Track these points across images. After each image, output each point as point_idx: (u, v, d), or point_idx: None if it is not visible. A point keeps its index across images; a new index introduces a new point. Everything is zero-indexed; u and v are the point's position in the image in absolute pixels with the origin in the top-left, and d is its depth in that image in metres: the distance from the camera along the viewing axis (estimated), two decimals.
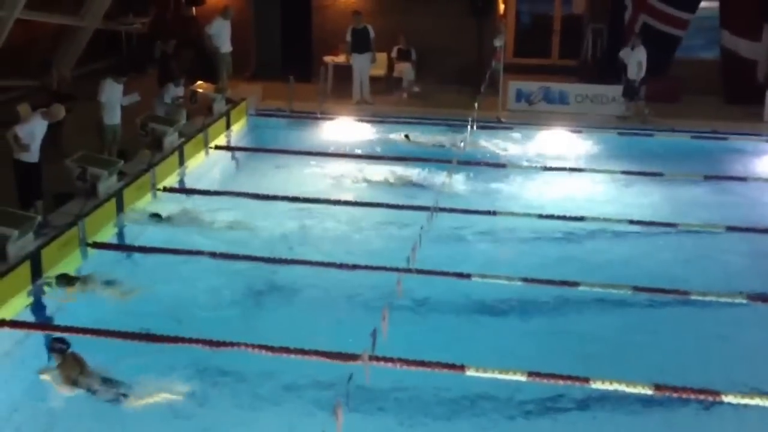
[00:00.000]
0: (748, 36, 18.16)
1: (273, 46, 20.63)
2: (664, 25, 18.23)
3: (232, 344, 8.59)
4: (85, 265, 10.54)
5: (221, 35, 17.32)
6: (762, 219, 12.44)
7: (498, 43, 17.74)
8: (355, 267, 10.51)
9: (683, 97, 18.17)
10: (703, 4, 18.42)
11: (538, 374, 8.24)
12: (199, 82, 16.59)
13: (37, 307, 9.66)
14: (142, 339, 8.79)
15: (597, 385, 8.15)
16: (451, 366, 8.32)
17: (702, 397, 8.03)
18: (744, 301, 9.84)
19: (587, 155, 15.69)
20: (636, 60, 16.93)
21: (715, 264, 11.00)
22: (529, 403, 8.25)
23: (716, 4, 18.51)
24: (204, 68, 17.50)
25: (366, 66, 18.26)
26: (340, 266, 10.52)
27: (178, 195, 13.06)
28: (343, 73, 18.58)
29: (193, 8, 20.13)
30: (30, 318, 9.46)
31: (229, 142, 15.94)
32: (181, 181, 13.71)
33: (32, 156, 10.60)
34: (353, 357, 7.86)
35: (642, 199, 13.50)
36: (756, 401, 7.94)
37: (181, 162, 13.98)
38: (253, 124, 17.20)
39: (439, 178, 13.03)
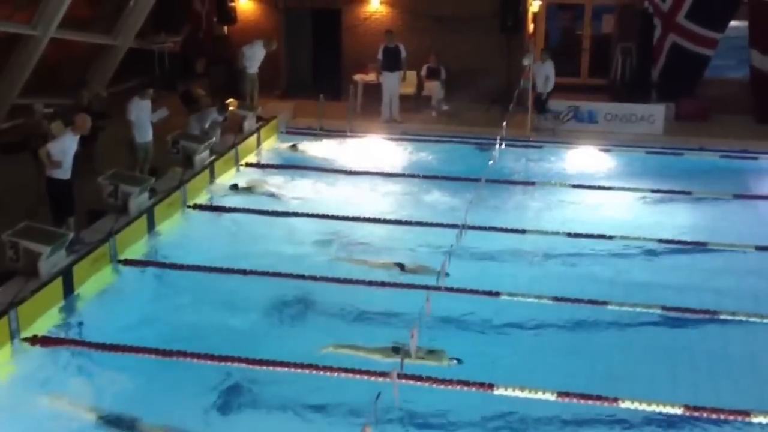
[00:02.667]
0: None
1: (304, 64, 20.92)
2: (693, 44, 18.19)
3: (260, 362, 8.68)
4: (117, 282, 10.69)
5: (255, 58, 17.52)
6: None
7: (527, 62, 17.83)
8: (384, 284, 10.60)
9: (713, 116, 18.11)
10: (732, 24, 18.36)
11: (567, 394, 8.26)
12: (231, 100, 16.80)
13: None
14: (173, 356, 8.90)
15: (626, 405, 8.14)
16: (480, 384, 8.36)
17: (732, 417, 7.99)
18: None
19: (616, 173, 15.66)
20: (544, 74, 17.37)
21: (745, 284, 10.91)
22: (558, 422, 8.22)
23: (746, 24, 18.45)
24: (234, 87, 17.72)
25: (396, 84, 18.37)
26: (370, 283, 10.61)
27: (207, 212, 13.21)
28: (373, 92, 18.72)
29: (225, 27, 20.40)
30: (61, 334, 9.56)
31: (259, 159, 16.11)
32: (212, 198, 13.86)
33: (64, 173, 10.74)
34: (382, 375, 7.91)
35: (671, 218, 13.43)
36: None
37: (212, 179, 14.15)
38: (284, 141, 17.35)
39: (468, 196, 13.08)
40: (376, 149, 16.96)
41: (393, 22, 19.78)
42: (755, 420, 7.93)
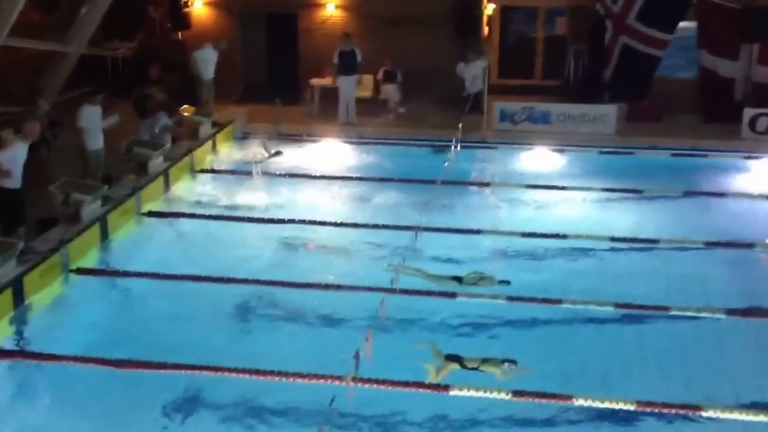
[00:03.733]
0: (725, 55, 18.47)
1: (260, 69, 20.86)
2: (643, 45, 18.48)
3: (216, 369, 8.64)
4: (69, 292, 10.56)
5: (207, 62, 17.48)
6: (740, 233, 12.59)
7: (483, 64, 18.01)
8: (339, 287, 10.63)
9: (664, 115, 18.43)
10: (681, 25, 18.69)
11: (522, 393, 8.32)
12: (185, 106, 16.70)
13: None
14: (126, 366, 8.80)
15: (579, 402, 8.23)
16: (435, 386, 8.40)
17: (683, 411, 8.13)
18: (723, 316, 9.95)
19: (570, 173, 15.85)
20: (471, 75, 17.76)
21: (695, 279, 11.09)
22: (512, 421, 8.28)
23: (694, 24, 18.80)
24: (189, 92, 17.61)
25: (352, 88, 18.44)
26: (326, 287, 10.63)
27: (163, 219, 13.12)
28: (330, 95, 18.75)
29: (179, 33, 20.27)
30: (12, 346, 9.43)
31: (215, 165, 16.03)
32: (167, 205, 13.75)
33: (14, 182, 10.59)
34: (336, 378, 7.93)
35: (623, 216, 13.63)
36: (735, 415, 8.03)
37: (167, 186, 14.05)
38: (240, 146, 17.29)
39: (424, 197, 13.16)
40: (333, 153, 16.98)
41: (349, 26, 19.82)
42: (705, 414, 8.06)
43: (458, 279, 10.67)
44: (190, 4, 20.03)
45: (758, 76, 18.44)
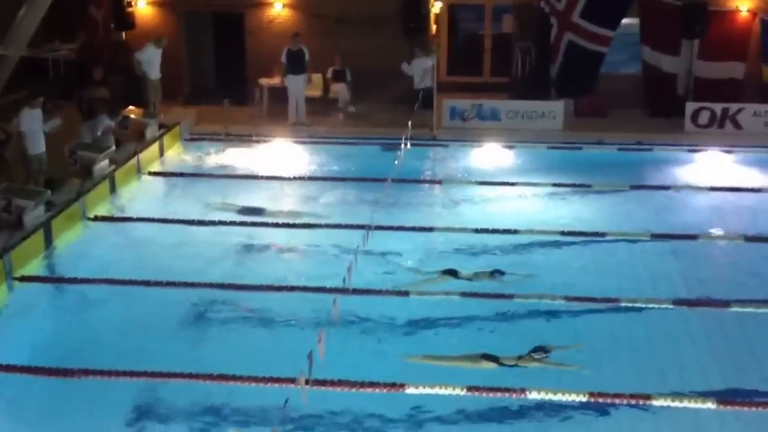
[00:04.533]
0: (667, 51, 18.81)
1: (206, 69, 20.66)
2: (588, 42, 18.71)
3: (166, 375, 8.53)
4: (13, 301, 10.33)
5: (151, 62, 17.23)
6: (684, 225, 12.83)
7: (431, 61, 18.07)
8: (293, 288, 10.58)
9: (610, 111, 18.71)
10: (625, 21, 18.97)
11: (476, 388, 8.37)
12: (130, 108, 16.45)
13: None
14: (75, 375, 8.64)
15: (533, 396, 8.31)
16: (391, 385, 8.40)
17: (634, 401, 8.24)
18: (670, 306, 10.12)
19: (520, 169, 15.97)
20: (418, 71, 17.94)
21: (642, 270, 11.26)
22: (468, 417, 8.32)
23: (637, 21, 19.11)
24: (135, 94, 17.36)
25: (301, 87, 18.35)
26: (279, 288, 10.56)
27: (110, 223, 12.90)
28: (279, 95, 18.64)
29: (123, 33, 19.95)
30: None
31: (162, 167, 15.83)
32: (113, 209, 13.54)
33: None
34: (289, 381, 7.88)
35: (572, 210, 13.78)
36: (685, 403, 8.18)
37: (113, 189, 13.82)
38: (188, 148, 17.11)
39: (375, 196, 13.17)
40: (283, 153, 16.88)
41: (297, 25, 19.71)
42: (656, 403, 8.19)
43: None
44: (133, 3, 19.71)
45: (699, 70, 18.83)
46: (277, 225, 12.79)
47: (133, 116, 16.16)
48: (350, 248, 11.03)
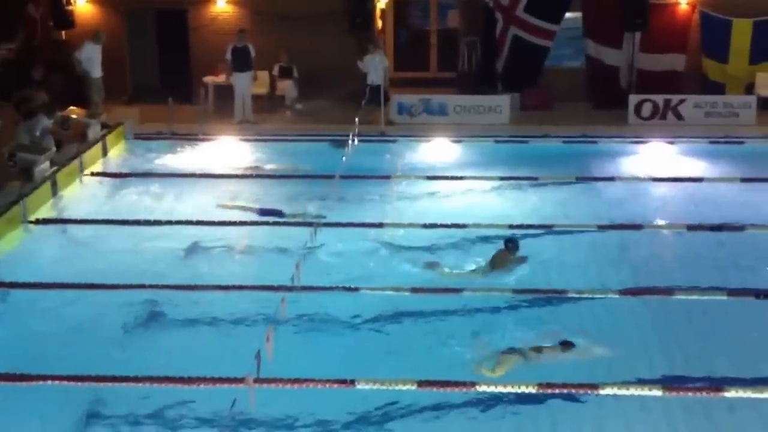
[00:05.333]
0: (610, 44, 19.11)
1: (149, 67, 20.39)
2: (532, 36, 18.93)
3: (112, 379, 8.38)
4: None
5: (92, 60, 16.96)
6: (629, 215, 12.99)
7: (378, 58, 18.06)
8: (241, 288, 10.47)
9: (555, 104, 18.93)
10: (568, 15, 19.20)
11: (428, 382, 8.37)
12: (72, 108, 16.14)
13: None
14: (16, 380, 8.43)
15: (483, 389, 8.34)
16: (341, 381, 8.36)
17: (582, 390, 8.32)
18: (616, 296, 10.25)
19: (468, 163, 16.07)
20: (372, 67, 17.91)
21: (589, 262, 11.39)
22: (419, 411, 8.31)
23: (580, 15, 19.34)
24: (76, 93, 17.04)
25: (247, 85, 18.24)
26: (225, 288, 10.45)
27: (52, 226, 12.64)
28: (224, 93, 18.48)
29: (63, 32, 19.57)
30: None
31: (106, 168, 15.56)
32: (56, 212, 13.26)
33: None
34: (237, 381, 7.80)
35: (520, 203, 13.89)
36: (632, 391, 8.28)
37: (55, 191, 13.55)
38: (132, 148, 16.85)
39: (323, 193, 13.11)
40: (230, 151, 16.74)
41: (241, 22, 19.58)
42: (604, 392, 8.28)
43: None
44: (72, 2, 19.37)
45: (641, 63, 19.15)
46: (224, 224, 12.66)
47: (74, 116, 15.85)
48: (298, 246, 10.96)
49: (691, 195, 14.24)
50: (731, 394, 8.10)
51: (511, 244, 11.14)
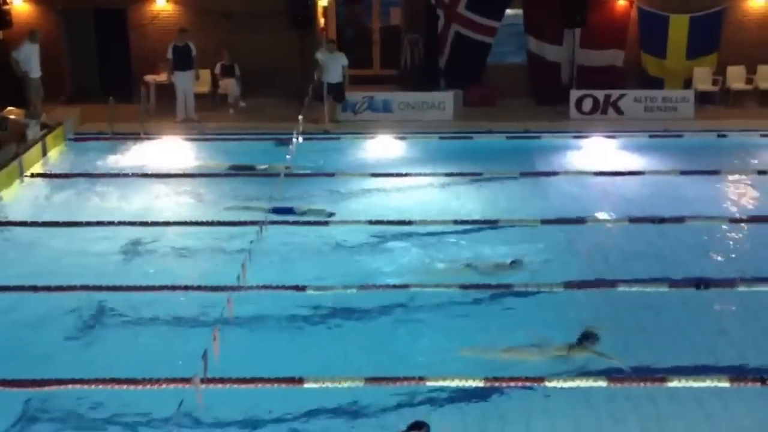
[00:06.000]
0: (551, 41, 19.37)
1: (89, 67, 20.06)
2: (474, 33, 19.09)
3: (56, 382, 8.22)
4: None
5: (30, 60, 16.62)
6: (572, 209, 13.18)
7: (320, 55, 18.02)
8: (186, 288, 10.35)
9: (498, 100, 19.12)
10: (510, 12, 19.41)
11: (376, 379, 8.39)
12: (10, 108, 15.80)
13: None
14: None
15: (431, 383, 8.38)
16: (290, 380, 8.33)
17: (529, 383, 8.41)
18: (561, 290, 10.40)
19: (412, 160, 16.13)
20: (340, 64, 17.77)
21: (533, 256, 11.51)
22: (368, 407, 8.32)
23: (521, 12, 19.56)
24: (14, 94, 16.67)
25: (189, 83, 18.10)
26: (171, 288, 10.33)
27: None
28: (166, 92, 18.27)
29: (0, 32, 19.11)
30: None
31: (45, 168, 15.25)
32: None
33: None
34: (184, 381, 7.72)
35: (465, 199, 14.00)
36: (576, 383, 8.39)
37: None
38: (72, 148, 16.54)
39: (268, 191, 13.04)
40: (173, 151, 16.57)
41: (182, 20, 19.40)
42: (549, 384, 8.38)
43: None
44: (9, 1, 18.91)
45: (582, 59, 19.44)
46: (168, 224, 12.53)
47: (13, 117, 15.51)
48: (244, 245, 10.90)
49: (632, 188, 14.50)
50: (674, 384, 8.26)
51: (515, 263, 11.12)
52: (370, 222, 12.57)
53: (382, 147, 16.92)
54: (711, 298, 10.22)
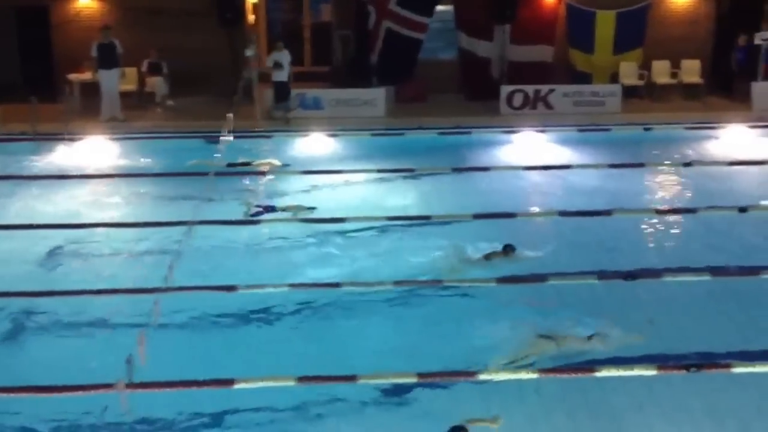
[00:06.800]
0: (481, 36, 19.50)
1: (11, 65, 19.49)
2: (405, 29, 19.11)
3: None
4: None
5: None
6: (503, 204, 13.22)
7: (249, 52, 17.81)
8: (113, 291, 10.09)
9: (430, 96, 19.16)
10: (441, 8, 19.47)
11: (307, 378, 8.28)
12: None
13: None
14: None
15: (364, 381, 8.32)
16: (219, 382, 8.17)
17: (462, 378, 8.40)
18: (494, 284, 10.39)
19: (345, 157, 16.07)
20: (286, 62, 17.80)
21: (468, 250, 11.53)
22: (299, 407, 8.23)
23: (451, 8, 19.65)
24: None
25: (114, 82, 17.76)
26: (98, 292, 10.06)
27: None
28: (91, 91, 17.87)
29: None
30: None
31: None
32: None
33: None
34: (107, 386, 7.51)
35: (397, 196, 13.98)
36: (508, 376, 8.42)
37: None
38: None
39: (197, 191, 12.82)
40: (98, 151, 16.19)
41: (107, 18, 19.04)
42: (482, 377, 8.38)
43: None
44: None
45: (512, 54, 19.61)
46: (94, 226, 12.23)
47: None
48: (172, 245, 10.67)
49: (561, 182, 14.67)
50: (602, 373, 8.34)
51: (509, 248, 11.18)
52: (302, 220, 12.46)
53: (315, 144, 16.79)
54: (638, 289, 10.34)
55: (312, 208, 12.94)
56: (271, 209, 12.84)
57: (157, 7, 18.93)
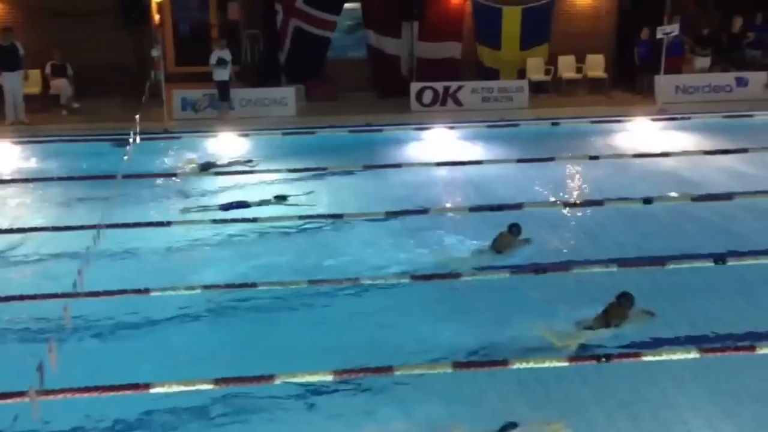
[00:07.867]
0: (389, 34, 19.68)
1: None
2: (313, 27, 19.13)
3: None
4: None
5: None
6: (416, 201, 13.42)
7: (155, 53, 17.55)
8: (21, 298, 9.82)
9: (340, 95, 19.22)
10: (349, 6, 19.55)
11: (224, 380, 8.24)
12: None
13: None
14: None
15: (282, 380, 8.31)
16: (134, 386, 8.07)
17: (383, 374, 8.43)
18: (408, 281, 10.53)
19: (256, 157, 15.97)
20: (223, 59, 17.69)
21: (379, 249, 11.63)
22: (217, 408, 8.18)
23: (359, 6, 19.74)
24: None
25: (17, 84, 17.35)
26: (5, 300, 9.78)
27: None
28: None
29: None
30: None
31: None
32: None
33: None
34: (18, 395, 7.33)
35: (311, 195, 13.96)
36: (427, 370, 8.55)
37: None
38: None
39: (105, 194, 12.57)
40: (2, 155, 15.67)
41: (8, 19, 18.48)
42: (397, 373, 8.42)
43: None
44: None
45: (420, 52, 19.85)
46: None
47: None
48: (81, 250, 10.46)
49: (471, 177, 14.91)
50: (516, 366, 8.51)
51: (515, 227, 11.28)
52: (214, 221, 12.37)
53: (225, 145, 16.66)
54: (549, 283, 10.56)
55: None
56: (244, 205, 12.83)
57: (60, 7, 18.46)
